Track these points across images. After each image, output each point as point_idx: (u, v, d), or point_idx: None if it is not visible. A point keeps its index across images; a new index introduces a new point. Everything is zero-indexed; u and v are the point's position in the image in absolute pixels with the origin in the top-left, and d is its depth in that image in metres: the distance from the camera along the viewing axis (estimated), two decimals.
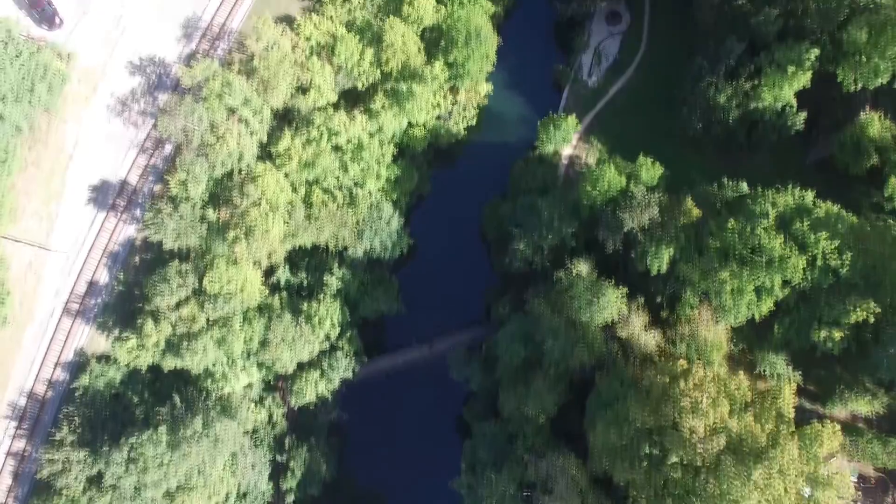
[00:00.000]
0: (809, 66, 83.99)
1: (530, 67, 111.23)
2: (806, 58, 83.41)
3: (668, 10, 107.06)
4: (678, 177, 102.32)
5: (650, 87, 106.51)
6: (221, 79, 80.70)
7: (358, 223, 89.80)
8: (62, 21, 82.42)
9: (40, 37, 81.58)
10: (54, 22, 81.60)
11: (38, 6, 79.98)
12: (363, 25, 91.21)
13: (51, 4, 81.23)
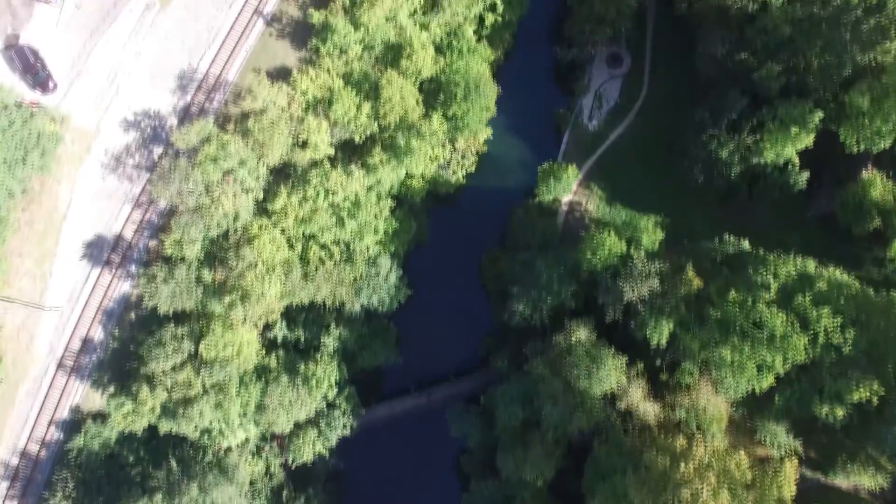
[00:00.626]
0: (813, 127, 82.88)
1: (530, 110, 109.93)
2: (810, 119, 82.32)
3: (670, 53, 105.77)
4: (679, 225, 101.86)
5: (651, 132, 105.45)
6: (216, 141, 79.53)
7: (355, 280, 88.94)
8: (56, 85, 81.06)
9: (34, 101, 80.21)
10: (48, 86, 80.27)
11: (32, 71, 78.62)
12: (360, 78, 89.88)
13: (45, 69, 79.85)
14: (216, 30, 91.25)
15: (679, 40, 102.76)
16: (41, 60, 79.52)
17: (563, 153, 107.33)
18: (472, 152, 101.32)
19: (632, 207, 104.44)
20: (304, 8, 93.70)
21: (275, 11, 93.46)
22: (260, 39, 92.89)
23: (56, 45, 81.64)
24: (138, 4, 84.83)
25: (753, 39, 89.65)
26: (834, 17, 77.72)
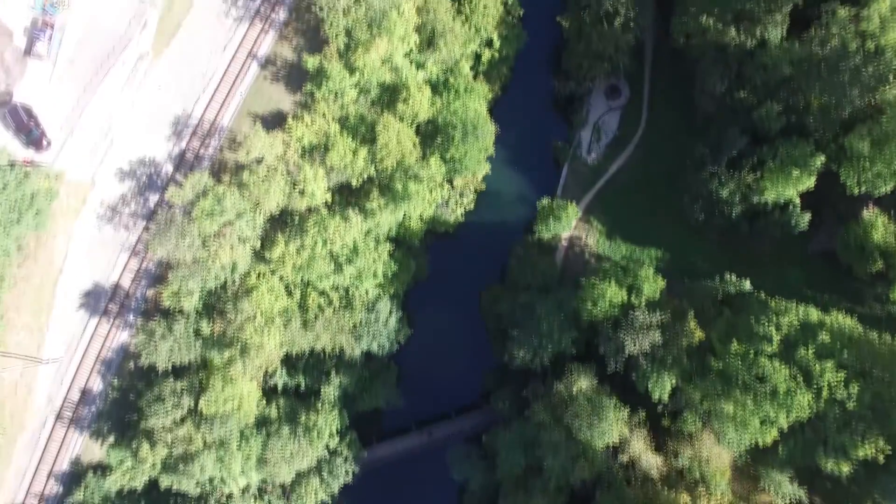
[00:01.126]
0: (815, 171, 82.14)
1: (528, 142, 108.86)
2: (811, 163, 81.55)
3: (669, 84, 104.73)
4: (679, 259, 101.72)
5: (651, 164, 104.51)
6: (212, 195, 78.63)
7: (355, 327, 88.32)
8: (50, 143, 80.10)
9: (27, 159, 79.27)
10: (42, 145, 79.34)
11: (25, 130, 77.64)
12: (356, 121, 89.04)
13: (38, 126, 78.89)
14: (210, 74, 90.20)
15: (678, 72, 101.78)
16: (34, 118, 78.57)
17: (562, 187, 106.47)
18: (471, 190, 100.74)
19: (632, 241, 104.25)
20: (298, 50, 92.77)
21: (268, 54, 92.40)
22: (254, 83, 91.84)
23: (50, 101, 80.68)
24: (131, 55, 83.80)
25: (753, 76, 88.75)
26: (833, 63, 76.71)
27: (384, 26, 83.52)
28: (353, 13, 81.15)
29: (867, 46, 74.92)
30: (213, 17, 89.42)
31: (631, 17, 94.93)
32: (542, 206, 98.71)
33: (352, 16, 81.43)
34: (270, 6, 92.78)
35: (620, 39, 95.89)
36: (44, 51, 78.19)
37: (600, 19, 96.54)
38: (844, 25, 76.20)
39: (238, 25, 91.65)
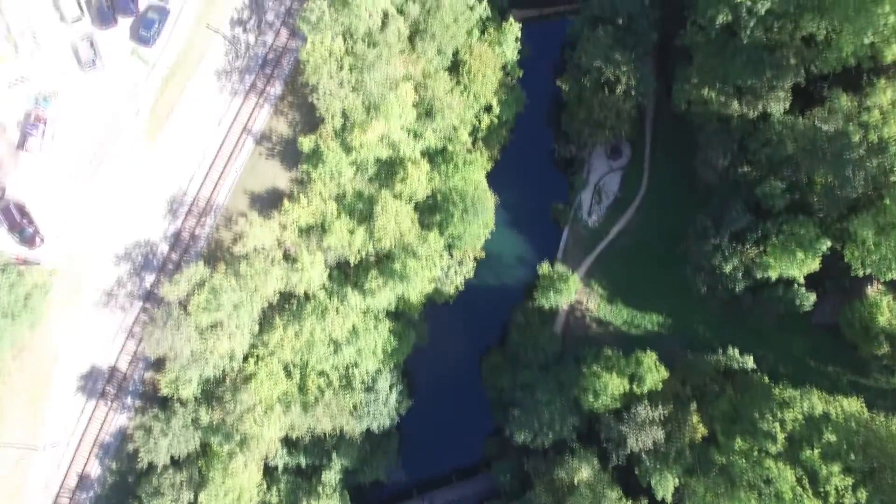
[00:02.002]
0: (820, 254, 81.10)
1: (528, 203, 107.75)
2: (817, 246, 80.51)
3: (670, 146, 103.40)
4: (680, 326, 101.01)
5: (652, 228, 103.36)
6: (208, 289, 77.45)
7: (355, 408, 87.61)
8: (43, 239, 78.60)
9: (20, 257, 77.91)
10: (35, 242, 77.84)
11: (17, 228, 76.14)
12: (353, 199, 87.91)
13: (31, 224, 77.39)
14: (204, 151, 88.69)
15: (679, 135, 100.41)
16: (27, 216, 77.14)
17: (562, 250, 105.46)
18: (471, 258, 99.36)
19: (633, 306, 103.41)
20: (293, 125, 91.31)
21: (264, 130, 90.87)
22: (250, 160, 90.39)
23: (43, 195, 79.20)
24: (124, 141, 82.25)
25: (756, 152, 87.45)
26: (837, 151, 75.50)
27: (382, 109, 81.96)
28: (350, 99, 79.46)
29: (870, 138, 73.63)
30: (207, 95, 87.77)
31: (632, 85, 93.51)
32: (542, 275, 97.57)
33: (348, 101, 79.76)
34: (265, 80, 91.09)
35: (622, 108, 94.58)
36: (37, 146, 76.73)
37: (601, 86, 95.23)
38: (847, 116, 74.83)
39: (233, 100, 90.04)
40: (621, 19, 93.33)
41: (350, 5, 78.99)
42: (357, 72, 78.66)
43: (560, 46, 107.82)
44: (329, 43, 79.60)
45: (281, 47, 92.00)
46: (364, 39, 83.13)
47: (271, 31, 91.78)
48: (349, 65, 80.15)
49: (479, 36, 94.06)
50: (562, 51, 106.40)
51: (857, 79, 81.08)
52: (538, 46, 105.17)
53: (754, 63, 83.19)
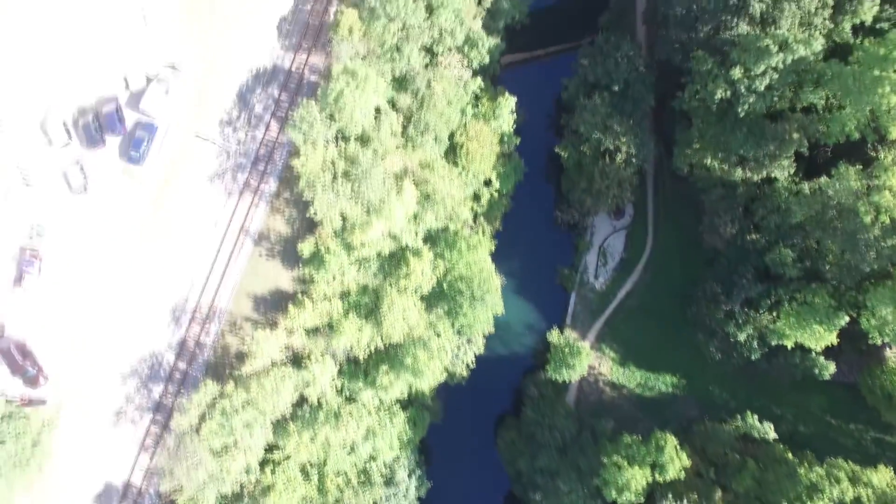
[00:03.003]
0: (837, 327, 79.95)
1: (533, 269, 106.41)
2: (833, 321, 79.34)
3: (673, 205, 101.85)
4: (694, 385, 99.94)
5: (660, 288, 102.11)
6: (219, 414, 76.38)
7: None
8: (47, 378, 77.15)
9: (24, 397, 76.52)
10: (38, 382, 76.42)
11: (20, 371, 74.68)
12: (358, 295, 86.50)
13: (34, 364, 75.91)
14: (203, 256, 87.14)
15: (682, 191, 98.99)
16: (30, 355, 75.68)
17: (571, 315, 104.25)
18: (480, 335, 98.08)
19: (646, 368, 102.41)
20: (291, 223, 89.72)
21: (262, 229, 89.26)
22: (250, 261, 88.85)
23: (42, 328, 77.67)
24: (121, 257, 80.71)
25: (764, 217, 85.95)
26: (849, 232, 74.13)
27: (382, 210, 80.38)
28: (349, 207, 77.90)
29: (882, 219, 72.27)
30: (201, 198, 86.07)
31: (632, 153, 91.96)
32: (553, 346, 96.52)
33: (347, 209, 78.22)
34: (259, 177, 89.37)
35: (623, 176, 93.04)
36: (33, 282, 75.16)
37: (601, 154, 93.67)
38: (857, 195, 73.45)
39: (227, 200, 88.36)
40: (617, 86, 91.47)
41: (342, 110, 77.23)
42: (354, 181, 76.91)
43: (553, 97, 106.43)
44: (322, 151, 77.89)
45: (272, 141, 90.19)
46: (357, 139, 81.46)
47: (261, 125, 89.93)
48: (344, 170, 78.47)
49: (474, 112, 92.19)
50: (556, 108, 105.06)
51: (863, 145, 79.59)
52: (529, 93, 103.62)
53: (756, 136, 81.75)
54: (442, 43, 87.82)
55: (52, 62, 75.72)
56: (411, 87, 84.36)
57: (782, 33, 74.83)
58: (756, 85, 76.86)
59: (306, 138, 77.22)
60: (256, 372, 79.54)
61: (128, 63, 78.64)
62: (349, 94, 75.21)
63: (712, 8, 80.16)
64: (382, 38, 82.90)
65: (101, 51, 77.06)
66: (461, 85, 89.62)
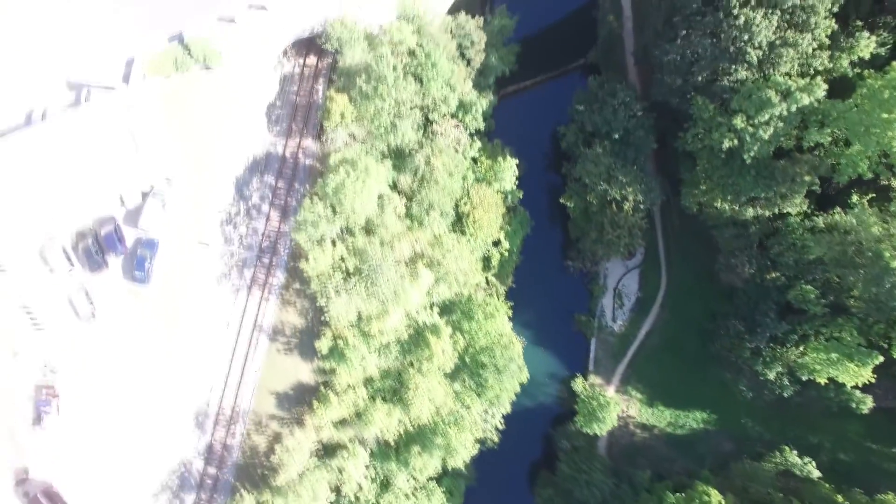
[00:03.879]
0: (870, 365, 79.03)
1: (550, 317, 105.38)
2: (865, 360, 78.41)
3: (684, 241, 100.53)
4: (726, 420, 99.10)
5: (680, 324, 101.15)
6: None
7: None
8: None
9: None
10: None
11: None
12: (382, 381, 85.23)
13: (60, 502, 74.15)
14: (219, 357, 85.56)
15: (691, 227, 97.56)
16: (57, 498, 73.66)
17: (593, 361, 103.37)
18: (507, 396, 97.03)
19: (675, 406, 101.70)
20: (304, 314, 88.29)
21: (275, 324, 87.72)
22: (267, 357, 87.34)
23: (66, 466, 75.84)
24: (137, 376, 78.99)
25: (781, 255, 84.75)
26: (875, 274, 73.02)
27: (399, 298, 78.89)
28: (365, 306, 76.39)
29: None
30: (210, 301, 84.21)
31: (640, 199, 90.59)
32: (581, 401, 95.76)
33: (364, 307, 76.73)
34: (266, 271, 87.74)
35: (633, 223, 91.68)
36: (52, 422, 73.45)
37: (607, 202, 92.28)
38: (878, 238, 72.28)
39: (237, 298, 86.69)
40: (617, 133, 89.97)
41: (344, 202, 75.43)
42: (366, 278, 75.33)
43: (548, 131, 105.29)
44: (330, 250, 76.28)
45: (274, 231, 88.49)
46: (362, 229, 79.84)
47: (261, 217, 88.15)
48: (355, 267, 76.92)
49: (475, 176, 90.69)
50: (553, 145, 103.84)
51: (877, 179, 78.36)
52: (523, 127, 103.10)
53: (765, 178, 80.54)
54: (436, 111, 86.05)
55: (47, 191, 73.46)
56: (411, 167, 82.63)
57: (783, 81, 73.29)
58: (760, 133, 75.39)
59: (311, 239, 75.48)
60: (291, 480, 78.10)
61: (121, 182, 76.52)
62: (350, 186, 73.47)
63: (708, 55, 78.48)
64: (376, 119, 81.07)
65: (94, 175, 74.87)
66: (459, 150, 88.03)
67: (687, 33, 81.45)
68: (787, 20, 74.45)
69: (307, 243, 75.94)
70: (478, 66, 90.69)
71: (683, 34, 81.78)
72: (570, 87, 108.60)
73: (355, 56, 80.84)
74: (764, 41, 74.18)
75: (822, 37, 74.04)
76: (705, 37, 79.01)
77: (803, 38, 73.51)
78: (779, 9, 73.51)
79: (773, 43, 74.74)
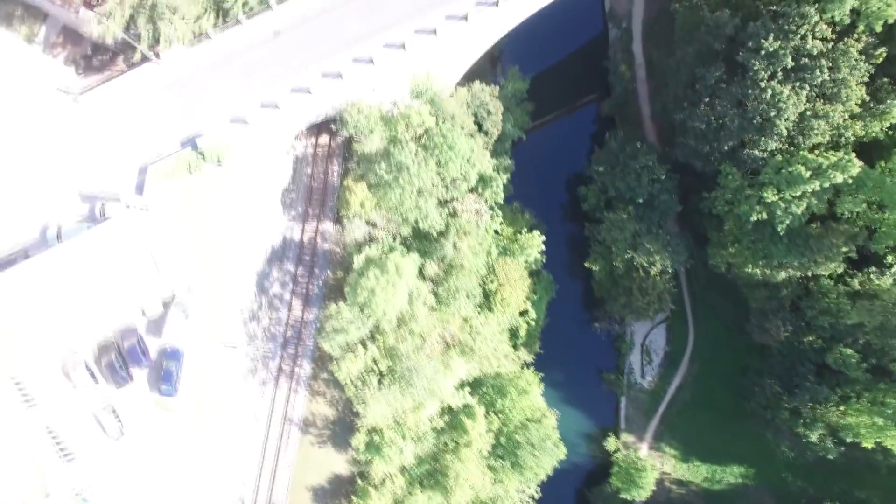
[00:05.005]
0: None
1: (577, 374, 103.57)
2: None
3: (710, 294, 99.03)
4: (765, 476, 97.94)
5: (711, 378, 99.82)
6: None
7: None
8: None
9: None
10: None
11: None
12: (419, 468, 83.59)
13: None
14: (250, 452, 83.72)
15: (718, 280, 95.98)
16: None
17: (624, 419, 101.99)
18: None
19: (711, 461, 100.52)
20: (334, 404, 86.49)
21: (305, 415, 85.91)
22: (300, 451, 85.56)
23: None
24: (169, 485, 77.03)
25: (816, 318, 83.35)
26: None
27: (434, 391, 77.22)
28: (400, 404, 74.66)
29: None
30: (237, 396, 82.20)
31: (667, 264, 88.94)
32: (617, 467, 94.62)
33: (399, 404, 75.02)
34: (292, 361, 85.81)
35: (662, 289, 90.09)
36: None
37: (634, 268, 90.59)
38: None
39: (264, 391, 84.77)
40: (641, 199, 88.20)
41: (373, 306, 73.36)
42: (400, 379, 73.53)
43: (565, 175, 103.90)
44: (361, 354, 74.41)
45: (297, 321, 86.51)
46: (392, 327, 77.92)
47: (283, 306, 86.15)
48: (388, 367, 75.10)
49: (499, 250, 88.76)
50: (571, 199, 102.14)
51: None
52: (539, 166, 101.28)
53: (799, 247, 78.82)
54: (457, 189, 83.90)
55: (66, 309, 71.43)
56: (438, 254, 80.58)
57: (814, 159, 71.47)
58: (793, 208, 73.68)
59: (339, 346, 73.54)
60: None
61: (141, 293, 74.27)
62: (381, 294, 71.41)
63: (735, 126, 76.55)
64: (399, 206, 78.98)
65: (113, 289, 72.66)
66: (481, 226, 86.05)
67: (711, 100, 79.56)
68: (817, 92, 72.51)
69: (335, 350, 73.91)
70: (495, 136, 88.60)
71: (707, 100, 79.89)
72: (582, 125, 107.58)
73: (373, 143, 78.53)
74: (793, 115, 72.19)
75: (854, 106, 72.15)
76: (731, 106, 77.07)
77: (834, 109, 71.61)
78: (808, 83, 71.57)
79: (803, 114, 72.80)
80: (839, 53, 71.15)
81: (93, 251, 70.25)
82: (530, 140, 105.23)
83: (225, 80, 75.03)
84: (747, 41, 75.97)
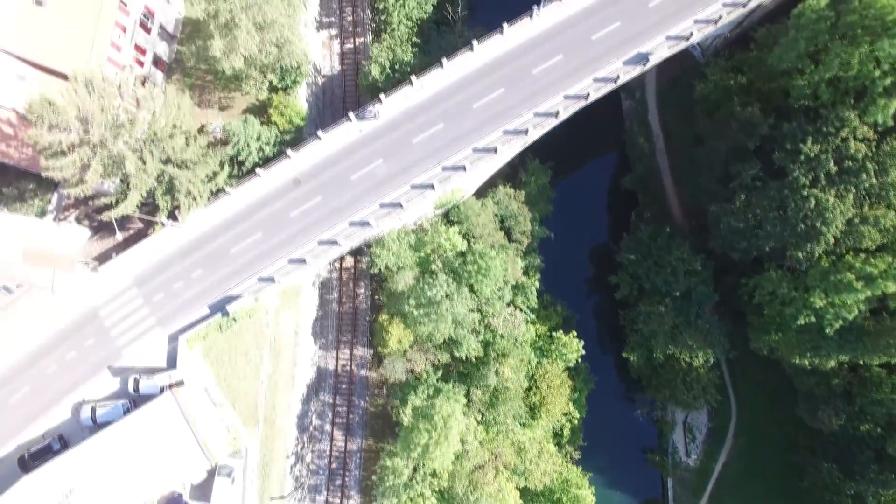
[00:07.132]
0: None
1: (621, 457, 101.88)
2: None
3: (751, 365, 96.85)
4: None
5: (758, 450, 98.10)
6: None
7: None
8: None
9: None
10: None
11: None
12: None
13: None
14: None
15: (759, 358, 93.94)
16: None
17: (672, 499, 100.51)
18: None
19: None
20: None
21: None
22: None
23: None
24: None
25: (870, 407, 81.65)
26: None
27: None
28: None
29: None
30: None
31: (708, 356, 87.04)
32: None
33: None
34: (339, 493, 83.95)
35: (706, 382, 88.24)
36: None
37: (675, 359, 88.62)
38: None
39: None
40: (677, 292, 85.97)
41: (426, 458, 71.20)
42: None
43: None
44: None
45: (340, 451, 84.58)
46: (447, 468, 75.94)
47: (324, 438, 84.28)
48: None
49: (538, 358, 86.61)
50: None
51: None
52: (563, 249, 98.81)
53: (851, 342, 76.70)
54: (491, 306, 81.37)
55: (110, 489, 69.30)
56: (482, 384, 78.39)
57: (862, 268, 69.16)
58: (844, 313, 71.58)
59: (396, 496, 71.62)
60: None
61: (185, 468, 71.91)
62: (434, 448, 69.31)
63: (777, 231, 74.08)
64: (432, 336, 76.56)
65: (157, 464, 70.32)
66: (518, 339, 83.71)
67: (747, 198, 76.96)
68: (864, 195, 70.01)
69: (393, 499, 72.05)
70: (525, 243, 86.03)
71: (743, 198, 77.30)
72: (603, 201, 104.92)
73: (404, 280, 75.87)
74: (840, 223, 69.76)
75: None
76: (770, 208, 74.53)
77: (885, 214, 69.12)
78: (853, 187, 69.04)
79: (850, 220, 70.37)
80: (885, 156, 68.50)
81: (132, 435, 67.81)
82: (552, 218, 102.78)
83: (248, 238, 72.06)
84: (783, 141, 73.22)
